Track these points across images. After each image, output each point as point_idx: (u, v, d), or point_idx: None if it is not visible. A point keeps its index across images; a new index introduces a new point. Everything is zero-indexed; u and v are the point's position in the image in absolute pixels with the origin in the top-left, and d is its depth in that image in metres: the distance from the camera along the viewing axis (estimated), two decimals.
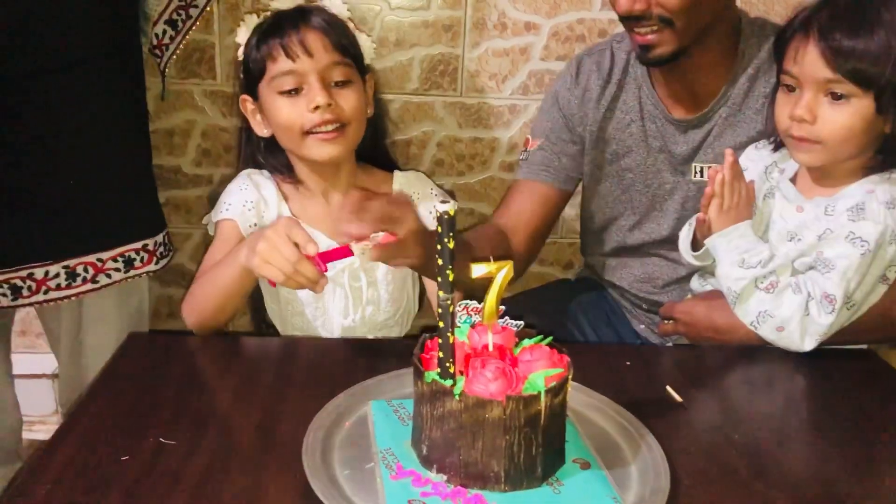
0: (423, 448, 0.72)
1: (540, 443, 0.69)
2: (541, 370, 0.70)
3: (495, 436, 0.68)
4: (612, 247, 1.34)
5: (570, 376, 0.72)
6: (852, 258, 0.98)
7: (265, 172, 1.21)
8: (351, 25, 1.19)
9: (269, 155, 1.20)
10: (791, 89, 1.01)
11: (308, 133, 1.11)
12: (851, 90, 0.95)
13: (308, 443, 0.74)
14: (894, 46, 0.94)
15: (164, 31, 1.31)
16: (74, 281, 1.15)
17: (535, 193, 1.30)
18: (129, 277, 1.20)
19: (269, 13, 1.17)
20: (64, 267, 1.15)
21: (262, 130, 1.18)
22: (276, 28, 1.13)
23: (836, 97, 0.97)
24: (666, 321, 1.17)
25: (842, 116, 0.97)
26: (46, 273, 1.14)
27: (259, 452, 0.76)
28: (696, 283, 1.21)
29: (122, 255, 1.18)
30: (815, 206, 1.04)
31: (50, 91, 1.08)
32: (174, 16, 1.31)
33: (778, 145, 1.11)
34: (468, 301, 0.72)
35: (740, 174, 1.04)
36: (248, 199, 1.17)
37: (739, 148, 1.15)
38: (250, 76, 1.15)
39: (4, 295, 1.14)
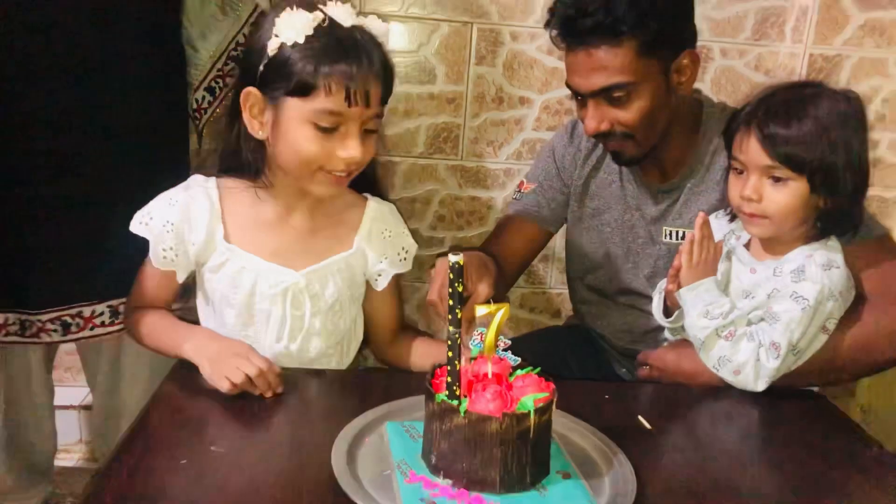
0: (432, 458, 0.86)
1: (529, 454, 0.83)
2: (531, 394, 0.85)
3: (493, 447, 0.82)
4: (593, 294, 1.48)
5: (555, 399, 0.86)
6: (794, 313, 1.10)
7: (211, 182, 1.12)
8: (386, 46, 1.08)
9: (254, 154, 1.08)
10: (740, 172, 1.14)
11: (321, 169, 1.05)
12: (788, 174, 1.08)
13: (335, 452, 0.87)
14: (820, 136, 1.06)
15: (203, 97, 1.44)
16: (117, 318, 1.28)
17: (523, 230, 1.46)
18: None
19: (322, 16, 1.02)
20: (108, 306, 1.29)
21: (256, 131, 1.06)
22: (339, 58, 1.00)
23: (776, 180, 1.09)
24: (643, 367, 1.30)
25: (782, 196, 1.10)
26: (93, 311, 1.28)
27: (293, 461, 0.89)
28: (668, 333, 1.33)
29: None
30: (766, 268, 1.16)
31: (110, 153, 1.23)
32: (212, 83, 1.46)
33: (733, 216, 1.23)
34: (482, 329, 0.87)
35: (710, 235, 1.16)
36: (170, 219, 1.09)
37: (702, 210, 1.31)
38: (281, 81, 1.01)
39: (56, 331, 1.27)
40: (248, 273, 1.11)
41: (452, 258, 0.82)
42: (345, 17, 1.03)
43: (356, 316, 1.22)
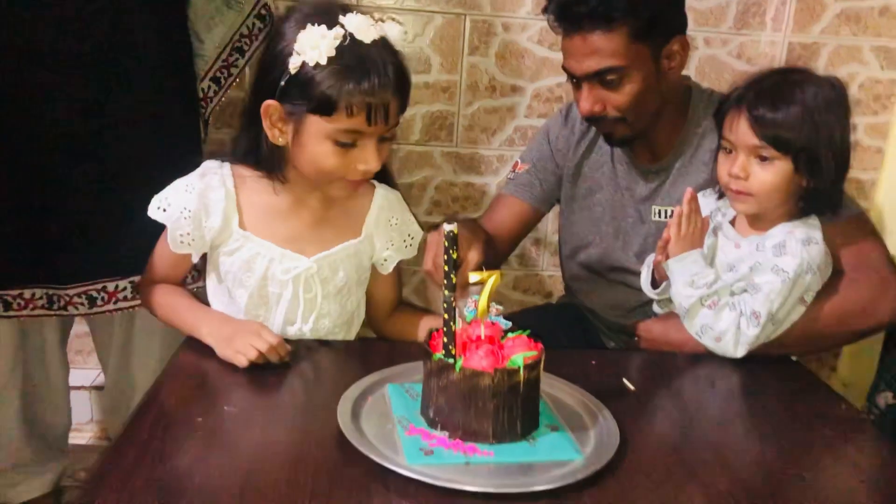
0: (430, 412, 0.93)
1: (519, 407, 0.91)
2: (521, 352, 0.92)
3: (486, 400, 0.89)
4: (584, 272, 1.55)
5: (543, 357, 0.93)
6: (775, 284, 1.17)
7: (226, 169, 1.15)
8: (402, 50, 1.10)
9: (270, 153, 1.11)
10: (729, 151, 1.20)
11: (340, 178, 1.11)
12: (774, 154, 1.15)
13: (340, 409, 0.94)
14: (805, 120, 1.13)
15: (209, 87, 1.52)
16: (139, 293, 1.36)
17: (516, 208, 1.52)
18: None
19: (342, 33, 1.03)
20: (130, 281, 1.36)
21: (277, 139, 1.09)
22: (361, 79, 1.02)
23: (763, 159, 1.16)
24: (636, 338, 1.36)
25: (768, 175, 1.16)
26: (116, 286, 1.36)
27: (302, 418, 0.97)
28: (656, 307, 1.40)
29: None
30: (749, 244, 1.23)
31: (127, 139, 1.31)
32: (218, 74, 1.53)
33: (721, 194, 1.29)
34: (475, 296, 0.94)
35: (697, 209, 1.22)
36: (188, 206, 1.13)
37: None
38: (302, 98, 1.04)
39: (83, 304, 1.35)
40: (261, 258, 1.17)
41: (447, 227, 0.89)
42: (365, 30, 1.04)
43: (361, 297, 1.29)
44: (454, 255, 0.90)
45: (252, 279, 1.18)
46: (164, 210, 1.14)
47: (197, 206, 1.13)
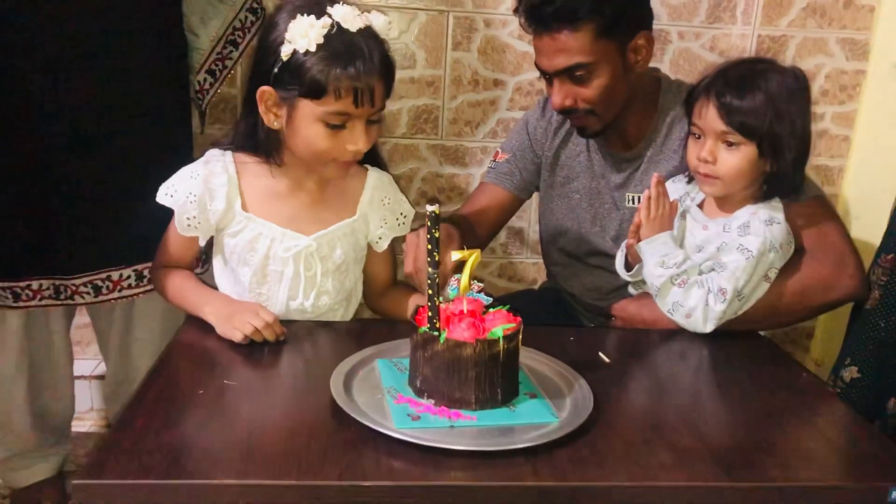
0: (417, 382, 1.00)
1: (500, 375, 0.97)
2: (501, 325, 0.99)
3: (468, 369, 0.96)
4: (564, 257, 1.62)
5: (521, 329, 1.00)
6: (740, 262, 1.24)
7: (228, 156, 1.22)
8: (387, 39, 1.17)
9: (267, 138, 1.19)
10: (698, 137, 1.26)
11: (333, 160, 1.18)
12: (740, 140, 1.22)
13: (333, 381, 1.00)
14: (769, 107, 1.19)
15: (205, 79, 1.57)
16: (142, 281, 1.42)
17: (497, 196, 1.59)
18: None
19: (330, 22, 1.10)
20: (133, 270, 1.42)
21: (272, 123, 1.16)
22: (348, 64, 1.10)
23: (730, 144, 1.23)
24: (612, 318, 1.42)
25: (734, 159, 1.23)
26: (120, 275, 1.42)
27: (297, 390, 1.03)
28: (631, 289, 1.46)
29: None
30: (717, 225, 1.29)
31: (125, 134, 1.37)
32: (213, 66, 1.58)
33: (690, 178, 1.36)
34: (458, 275, 1.01)
35: (665, 192, 1.29)
36: (193, 191, 1.20)
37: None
38: (294, 84, 1.12)
39: (88, 293, 1.41)
40: (264, 238, 1.24)
41: (429, 207, 0.95)
42: (351, 19, 1.12)
43: (359, 275, 1.35)
44: (437, 235, 0.97)
45: (255, 258, 1.24)
46: (172, 196, 1.21)
47: (202, 191, 1.20)
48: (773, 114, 1.20)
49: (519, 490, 0.85)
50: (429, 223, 0.96)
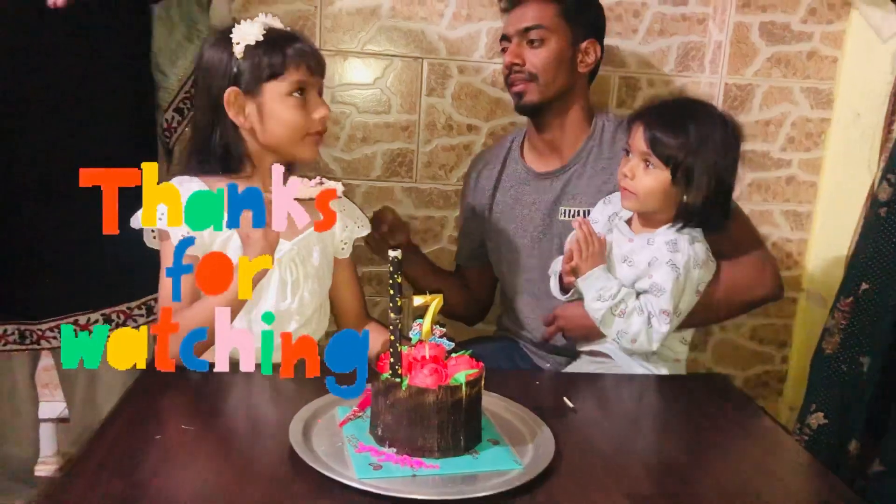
0: (378, 430, 0.99)
1: (462, 421, 0.97)
2: (463, 370, 0.99)
3: (431, 416, 0.95)
4: (509, 295, 1.69)
5: (484, 375, 1.00)
6: (670, 279, 1.32)
7: (196, 182, 1.27)
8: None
9: (225, 153, 1.28)
10: (627, 154, 1.37)
11: (307, 135, 1.29)
12: (656, 163, 1.32)
13: (292, 429, 0.99)
14: (687, 144, 1.30)
15: (173, 117, 1.58)
16: (109, 325, 1.40)
17: (479, 273, 1.80)
18: (148, 322, 1.46)
19: (262, 22, 1.27)
20: (102, 314, 1.41)
21: (243, 124, 1.28)
22: (293, 42, 1.27)
23: (648, 165, 1.33)
24: (550, 326, 1.48)
25: (649, 179, 1.33)
26: (88, 319, 1.40)
27: (255, 437, 1.02)
28: None
29: (145, 303, 1.45)
30: (640, 239, 1.39)
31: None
32: (181, 105, 1.60)
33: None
34: (420, 319, 1.01)
35: (592, 232, 1.38)
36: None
37: (589, 193, 1.56)
38: (253, 74, 1.25)
39: (55, 338, 1.39)
40: None
41: (392, 253, 0.96)
42: (272, 21, 1.31)
43: (329, 286, 1.42)
44: (398, 280, 0.97)
45: None
46: (161, 219, 1.18)
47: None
48: (691, 149, 1.31)
49: None
50: (391, 269, 0.97)
